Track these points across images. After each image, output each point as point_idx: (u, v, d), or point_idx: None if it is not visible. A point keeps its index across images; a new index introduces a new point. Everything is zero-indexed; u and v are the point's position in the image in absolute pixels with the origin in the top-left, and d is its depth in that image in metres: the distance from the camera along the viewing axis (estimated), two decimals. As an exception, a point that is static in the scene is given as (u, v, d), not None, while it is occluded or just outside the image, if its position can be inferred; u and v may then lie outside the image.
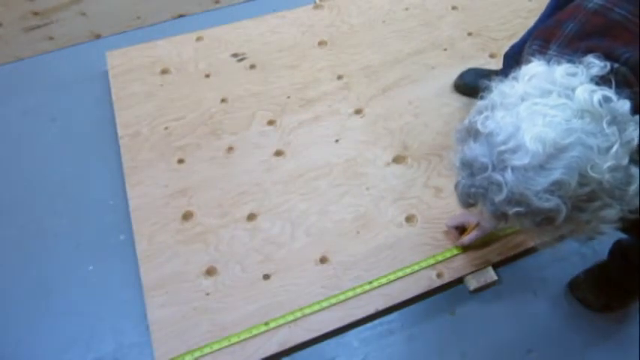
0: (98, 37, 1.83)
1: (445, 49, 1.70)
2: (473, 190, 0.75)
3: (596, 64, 0.73)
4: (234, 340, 1.17)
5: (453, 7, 1.82)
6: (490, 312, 1.26)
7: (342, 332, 1.23)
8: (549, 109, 0.68)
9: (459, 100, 1.58)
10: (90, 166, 1.51)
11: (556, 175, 0.66)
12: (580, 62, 0.74)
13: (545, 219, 0.70)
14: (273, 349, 1.18)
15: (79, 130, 1.59)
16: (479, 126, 0.73)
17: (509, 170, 0.68)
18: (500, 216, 0.74)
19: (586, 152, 0.66)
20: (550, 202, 0.67)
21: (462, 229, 1.29)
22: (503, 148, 0.69)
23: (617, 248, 1.14)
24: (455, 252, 1.29)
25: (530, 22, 1.34)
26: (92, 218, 1.41)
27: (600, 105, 0.68)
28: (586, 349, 1.22)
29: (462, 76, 1.59)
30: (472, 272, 1.28)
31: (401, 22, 1.78)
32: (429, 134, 1.51)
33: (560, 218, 0.68)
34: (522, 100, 0.71)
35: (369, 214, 1.36)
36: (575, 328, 1.24)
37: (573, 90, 0.69)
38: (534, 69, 0.75)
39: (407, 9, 1.82)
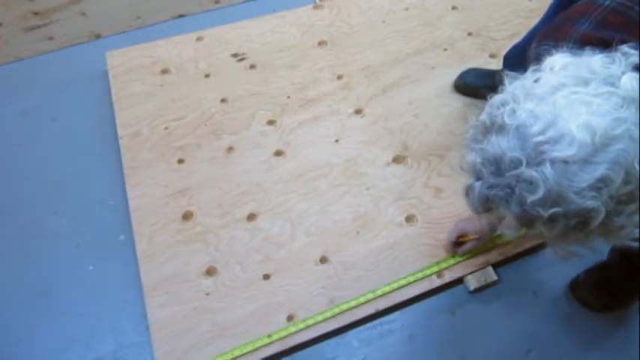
0: (98, 37, 1.83)
1: (445, 49, 1.70)
2: (494, 191, 0.65)
3: (634, 53, 0.66)
4: (237, 353, 1.16)
5: (453, 7, 1.82)
6: (490, 312, 1.26)
7: (342, 332, 1.22)
8: (592, 97, 0.61)
9: (459, 100, 1.58)
10: (90, 166, 1.51)
11: (601, 169, 0.59)
12: (615, 51, 0.67)
13: (579, 223, 0.62)
14: (273, 349, 1.18)
15: (79, 130, 1.59)
16: (505, 118, 0.64)
17: (547, 164, 0.60)
18: (529, 220, 0.65)
19: (633, 145, 0.59)
20: (592, 202, 0.60)
21: (458, 243, 1.27)
22: (540, 138, 0.60)
23: (617, 249, 1.13)
24: (458, 259, 1.28)
25: (531, 22, 1.34)
26: (92, 218, 1.41)
27: None
28: (586, 349, 1.21)
29: (461, 76, 1.59)
30: (472, 272, 1.27)
31: (401, 22, 1.78)
32: (429, 134, 1.51)
33: (596, 222, 0.61)
34: (556, 90, 0.63)
35: (369, 214, 1.36)
36: (575, 329, 1.24)
37: (617, 78, 0.63)
38: (562, 60, 0.67)
39: (407, 9, 1.82)
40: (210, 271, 1.28)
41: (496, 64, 1.62)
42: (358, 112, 1.56)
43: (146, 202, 1.39)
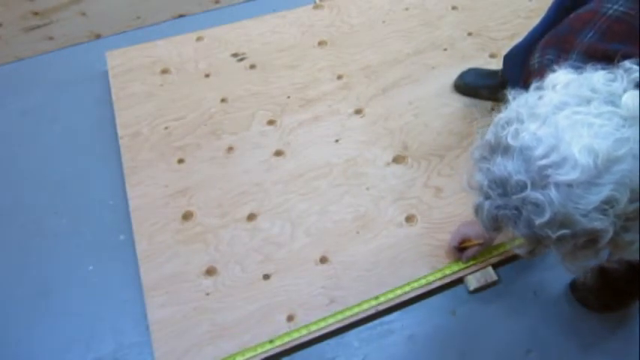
0: (98, 37, 1.83)
1: (445, 49, 1.70)
2: (502, 212, 0.67)
3: (636, 70, 0.66)
4: (239, 358, 1.16)
5: (453, 7, 1.82)
6: (490, 312, 1.26)
7: (342, 332, 1.22)
8: (594, 117, 0.61)
9: (459, 100, 1.58)
10: (90, 166, 1.51)
11: (606, 191, 0.59)
12: (617, 67, 0.67)
13: (587, 241, 0.63)
14: (273, 349, 1.18)
15: (79, 130, 1.59)
16: (509, 140, 0.64)
17: (552, 187, 0.60)
18: (537, 240, 0.66)
19: (637, 164, 0.60)
20: (599, 223, 0.60)
21: (461, 248, 1.27)
22: (544, 162, 0.61)
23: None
24: (462, 266, 1.27)
25: (531, 22, 1.34)
26: (92, 218, 1.41)
27: None
28: (586, 349, 1.21)
29: (462, 76, 1.59)
30: (472, 272, 1.27)
31: (401, 22, 1.78)
32: (429, 134, 1.51)
33: (605, 240, 0.62)
34: (558, 109, 0.64)
35: (369, 214, 1.36)
36: (575, 329, 1.24)
37: (618, 97, 0.63)
38: (564, 77, 0.68)
39: (407, 9, 1.82)
40: (210, 271, 1.28)
41: (496, 64, 1.62)
42: (358, 112, 1.56)
43: (146, 202, 1.39)
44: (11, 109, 1.64)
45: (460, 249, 1.26)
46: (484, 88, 1.55)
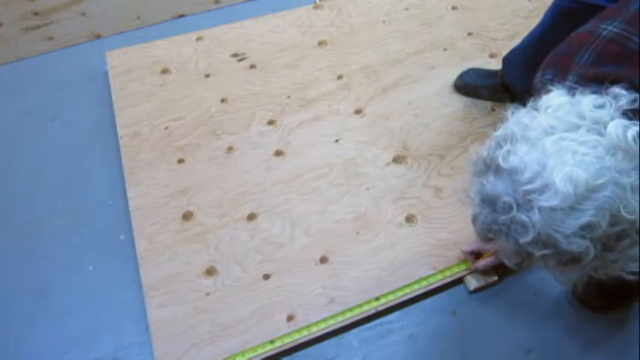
0: (98, 37, 1.84)
1: (445, 49, 1.70)
2: (495, 227, 0.72)
3: (625, 96, 0.69)
4: (239, 359, 1.16)
5: (453, 7, 1.82)
6: (490, 312, 1.26)
7: (342, 332, 1.22)
8: (578, 145, 0.65)
9: (459, 100, 1.58)
10: (90, 166, 1.51)
11: (586, 217, 0.63)
12: (606, 93, 0.70)
13: (571, 259, 0.67)
14: (273, 349, 1.18)
15: (79, 130, 1.59)
16: (500, 161, 0.69)
17: (535, 211, 0.65)
18: (524, 255, 0.71)
19: (619, 192, 0.63)
20: (577, 246, 0.64)
21: (477, 254, 1.26)
22: (529, 187, 0.65)
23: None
24: (461, 266, 1.27)
25: (530, 22, 1.34)
26: (92, 218, 1.41)
27: (635, 141, 0.64)
28: (586, 349, 1.21)
29: (462, 76, 1.59)
30: (472, 272, 1.27)
31: (401, 22, 1.78)
32: (429, 134, 1.51)
33: (588, 259, 0.66)
34: (547, 133, 0.67)
35: (369, 214, 1.36)
36: (575, 329, 1.24)
37: (604, 125, 0.66)
38: (556, 99, 0.71)
39: (407, 9, 1.82)
40: (210, 271, 1.28)
41: (496, 64, 1.62)
42: (358, 112, 1.56)
43: (146, 202, 1.39)
44: (11, 109, 1.64)
45: (473, 254, 1.25)
46: (484, 88, 1.55)
